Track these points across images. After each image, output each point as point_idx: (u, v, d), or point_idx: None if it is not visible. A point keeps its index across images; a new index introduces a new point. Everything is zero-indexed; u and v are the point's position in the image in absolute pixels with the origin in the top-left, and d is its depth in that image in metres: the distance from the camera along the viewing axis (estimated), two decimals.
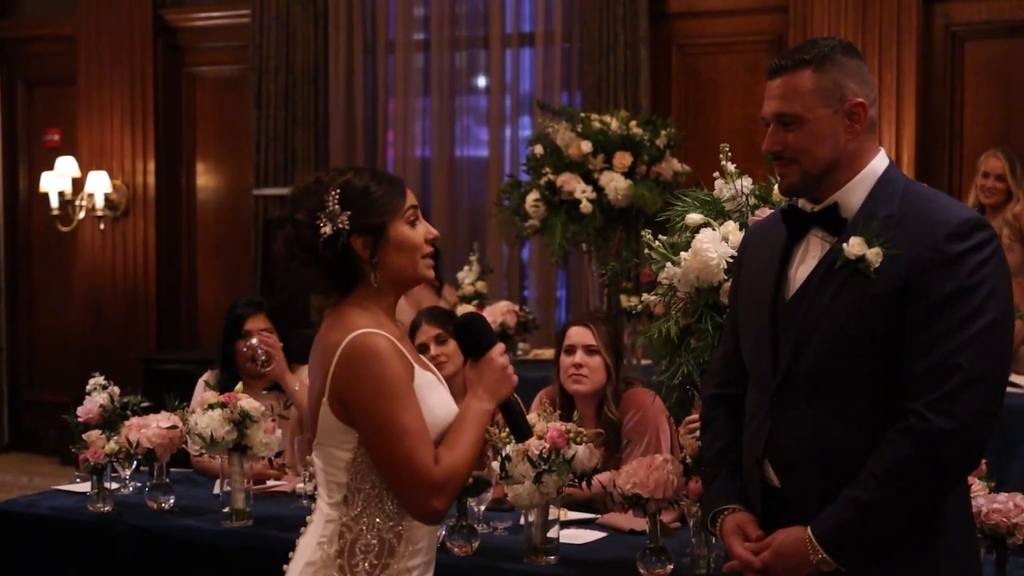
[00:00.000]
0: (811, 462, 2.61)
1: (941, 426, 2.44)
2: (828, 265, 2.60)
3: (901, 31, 7.24)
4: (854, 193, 2.63)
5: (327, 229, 2.59)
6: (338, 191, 2.61)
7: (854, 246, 2.55)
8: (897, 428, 2.49)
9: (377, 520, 2.60)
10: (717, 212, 3.32)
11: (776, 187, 3.27)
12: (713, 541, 3.39)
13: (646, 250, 3.33)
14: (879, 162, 2.66)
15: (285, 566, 2.71)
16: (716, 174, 3.36)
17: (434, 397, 2.65)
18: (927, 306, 2.49)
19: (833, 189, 2.64)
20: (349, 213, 2.60)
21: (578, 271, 8.00)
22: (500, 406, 2.73)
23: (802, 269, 2.66)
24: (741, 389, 2.84)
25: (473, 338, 2.74)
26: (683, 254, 3.20)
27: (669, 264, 3.24)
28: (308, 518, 2.71)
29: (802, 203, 2.71)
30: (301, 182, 2.69)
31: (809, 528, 2.56)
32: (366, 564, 2.60)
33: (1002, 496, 3.11)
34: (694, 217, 3.28)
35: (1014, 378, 5.51)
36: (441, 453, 2.57)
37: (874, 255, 2.53)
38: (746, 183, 3.30)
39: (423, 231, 2.68)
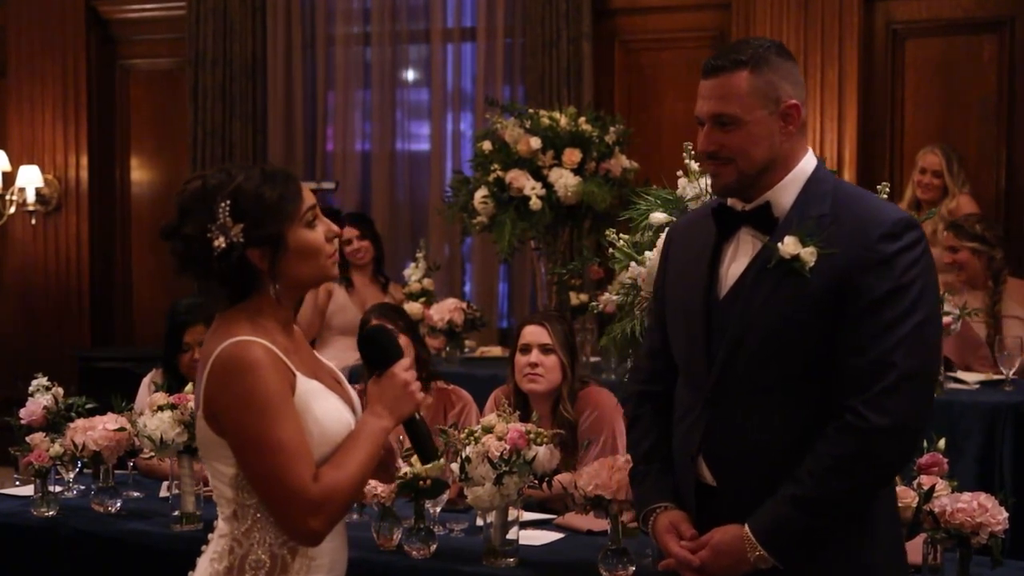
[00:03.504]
0: (746, 459, 2.65)
1: (878, 423, 2.51)
2: (761, 264, 2.64)
3: (843, 28, 7.28)
4: (785, 192, 2.67)
5: (220, 243, 2.41)
6: (229, 201, 2.41)
7: (788, 245, 2.59)
8: (835, 425, 2.55)
9: (269, 535, 2.45)
10: (680, 211, 3.30)
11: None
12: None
13: (610, 249, 3.30)
14: (808, 162, 2.70)
15: None
16: (680, 172, 3.33)
17: (321, 406, 2.48)
18: (862, 305, 2.55)
19: (765, 188, 2.68)
20: (242, 225, 2.41)
21: (520, 267, 7.97)
22: (404, 425, 2.58)
23: (734, 267, 2.70)
24: (668, 386, 2.87)
25: (376, 351, 2.60)
26: (647, 253, 3.18)
27: (633, 264, 3.21)
28: (209, 535, 2.56)
29: (731, 201, 2.74)
30: (187, 187, 2.48)
31: (746, 525, 2.60)
32: None
33: (966, 496, 3.12)
34: (658, 216, 3.26)
35: (961, 375, 5.56)
36: (323, 471, 2.40)
37: (808, 254, 2.58)
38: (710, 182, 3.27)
39: (323, 230, 2.51)
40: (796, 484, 2.56)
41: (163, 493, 4.37)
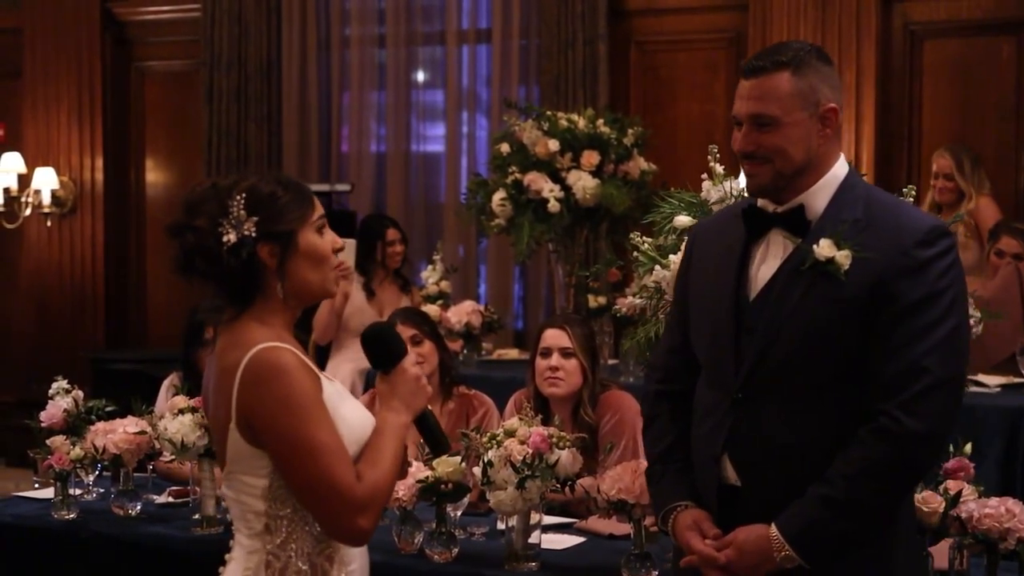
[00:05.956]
0: (774, 460, 2.65)
1: (912, 428, 2.53)
2: (794, 265, 2.65)
3: (860, 30, 7.25)
4: (819, 196, 2.69)
5: (231, 237, 2.42)
6: (243, 196, 2.43)
7: (824, 247, 2.60)
8: (868, 428, 2.56)
9: (306, 544, 2.44)
10: (704, 214, 3.28)
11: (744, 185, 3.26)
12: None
13: (634, 253, 3.28)
14: (841, 167, 2.72)
15: None
16: (704, 176, 3.31)
17: (346, 407, 2.49)
18: (896, 310, 2.56)
19: (799, 191, 2.69)
20: (256, 219, 2.43)
21: (535, 268, 7.96)
22: (416, 419, 2.60)
23: (764, 268, 2.71)
24: (686, 385, 2.87)
25: (383, 349, 2.60)
26: (672, 257, 3.16)
27: (657, 267, 3.19)
28: (227, 556, 2.52)
29: (762, 203, 2.74)
30: (196, 187, 2.52)
31: (774, 525, 2.61)
32: None
33: (993, 501, 3.09)
34: (682, 219, 3.24)
35: (982, 378, 5.53)
36: (363, 469, 2.41)
37: (843, 257, 2.59)
38: (735, 184, 3.25)
39: (330, 241, 2.55)
40: (827, 486, 2.57)
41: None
